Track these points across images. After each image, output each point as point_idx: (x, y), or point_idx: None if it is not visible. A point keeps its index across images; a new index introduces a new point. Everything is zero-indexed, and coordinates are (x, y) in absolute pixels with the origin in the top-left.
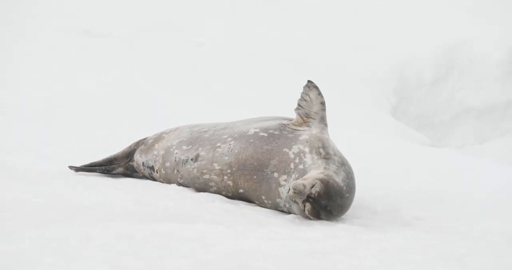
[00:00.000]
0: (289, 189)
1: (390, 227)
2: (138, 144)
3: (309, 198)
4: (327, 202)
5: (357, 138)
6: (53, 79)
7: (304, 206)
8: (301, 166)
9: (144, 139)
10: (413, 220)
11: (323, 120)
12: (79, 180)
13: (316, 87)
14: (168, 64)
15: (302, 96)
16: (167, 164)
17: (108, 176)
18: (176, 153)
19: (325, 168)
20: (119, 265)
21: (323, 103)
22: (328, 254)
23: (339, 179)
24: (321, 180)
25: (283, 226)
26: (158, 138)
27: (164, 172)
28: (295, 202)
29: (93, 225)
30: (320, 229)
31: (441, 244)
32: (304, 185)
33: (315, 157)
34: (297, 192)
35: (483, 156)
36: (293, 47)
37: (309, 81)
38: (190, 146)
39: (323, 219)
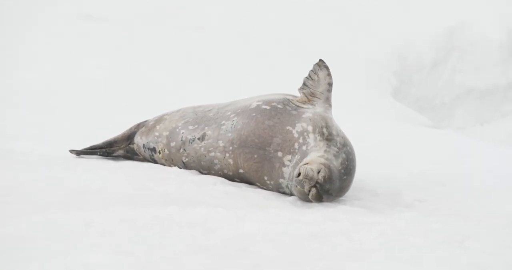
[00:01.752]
0: (298, 174)
1: (391, 209)
2: (138, 127)
3: (316, 183)
4: (330, 186)
5: (358, 120)
6: (53, 65)
7: (309, 190)
8: (304, 147)
9: (145, 121)
10: (414, 202)
11: (328, 100)
12: (79, 165)
13: (326, 67)
14: (167, 49)
15: (309, 75)
16: (172, 144)
17: (108, 160)
18: (183, 133)
19: (325, 151)
20: (120, 250)
21: (330, 84)
22: (328, 237)
23: (337, 163)
24: (324, 165)
25: (283, 209)
26: (159, 120)
27: (167, 152)
28: (301, 186)
29: (94, 210)
30: (320, 211)
31: (443, 227)
32: (312, 170)
33: (318, 138)
34: (308, 177)
35: (484, 138)
36: (293, 32)
37: (320, 60)
38: (196, 126)
39: (323, 202)
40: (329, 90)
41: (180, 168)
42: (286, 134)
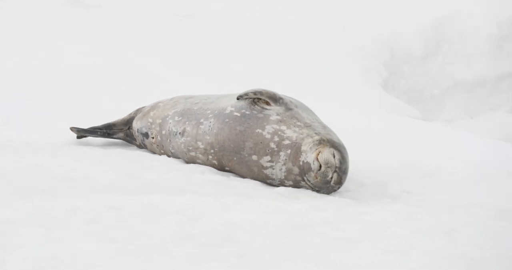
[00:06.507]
0: (319, 168)
1: (377, 200)
2: (136, 112)
3: (335, 168)
4: (345, 164)
5: (347, 111)
6: (39, 50)
7: (332, 177)
8: (286, 142)
9: (143, 107)
10: (401, 193)
11: (269, 93)
12: (65, 151)
13: (241, 97)
14: (155, 36)
15: (254, 101)
16: (164, 132)
17: (95, 147)
18: (170, 123)
19: (315, 133)
20: (105, 237)
21: (255, 93)
22: (314, 227)
23: (336, 138)
24: (332, 146)
25: (270, 199)
26: (154, 106)
27: (160, 139)
28: (324, 177)
29: (79, 196)
30: (307, 201)
31: (429, 218)
32: (329, 155)
33: (297, 129)
34: (330, 165)
35: (473, 130)
36: (281, 21)
37: (238, 99)
38: (181, 118)
39: (342, 184)
40: (261, 93)
41: (169, 156)
42: (256, 137)
